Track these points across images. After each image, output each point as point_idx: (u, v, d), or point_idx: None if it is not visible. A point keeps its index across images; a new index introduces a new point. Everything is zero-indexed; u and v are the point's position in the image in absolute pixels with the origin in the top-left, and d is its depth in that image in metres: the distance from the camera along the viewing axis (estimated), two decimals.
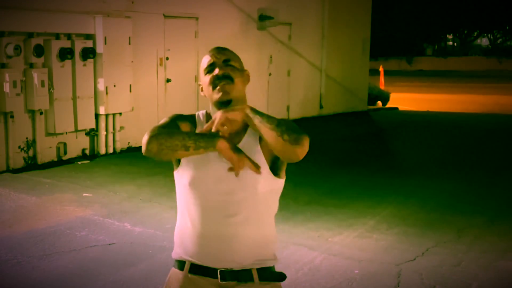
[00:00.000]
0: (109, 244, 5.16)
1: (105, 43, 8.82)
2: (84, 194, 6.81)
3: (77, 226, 5.62)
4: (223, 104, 2.08)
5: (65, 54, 8.30)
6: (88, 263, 4.73)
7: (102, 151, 9.15)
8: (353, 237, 5.44)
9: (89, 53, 8.62)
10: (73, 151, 8.85)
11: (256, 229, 2.08)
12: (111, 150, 9.28)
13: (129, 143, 9.69)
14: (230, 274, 2.06)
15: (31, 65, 8.07)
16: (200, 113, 2.24)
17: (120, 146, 9.43)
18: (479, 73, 37.68)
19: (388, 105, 17.69)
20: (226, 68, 2.09)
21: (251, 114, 1.97)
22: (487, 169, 8.70)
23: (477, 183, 7.77)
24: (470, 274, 4.59)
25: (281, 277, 2.15)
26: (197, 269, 2.10)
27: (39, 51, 8.02)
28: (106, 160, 8.83)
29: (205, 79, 2.15)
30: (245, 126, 2.09)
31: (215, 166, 2.04)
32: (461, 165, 9.04)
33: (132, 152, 9.52)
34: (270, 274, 2.13)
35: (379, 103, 17.71)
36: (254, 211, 2.07)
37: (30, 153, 8.25)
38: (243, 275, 2.07)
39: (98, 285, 4.31)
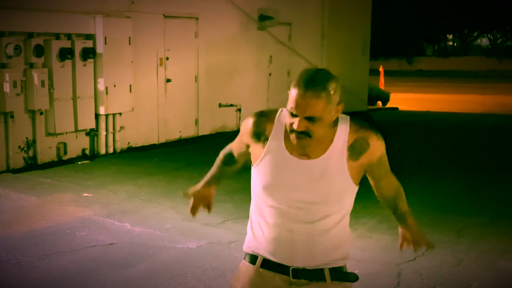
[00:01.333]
0: (109, 244, 5.16)
1: (105, 43, 8.83)
2: (84, 194, 6.81)
3: (77, 226, 5.62)
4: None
5: (65, 54, 8.30)
6: (88, 263, 4.73)
7: (102, 151, 9.15)
8: (353, 237, 5.43)
9: (89, 53, 8.62)
10: (73, 151, 8.85)
11: (333, 233, 2.10)
12: (111, 150, 9.28)
13: (129, 143, 9.69)
14: (302, 273, 2.08)
15: (31, 65, 8.07)
16: (284, 116, 2.07)
17: (120, 146, 9.43)
18: (479, 73, 37.66)
19: (388, 105, 17.68)
20: (307, 124, 1.93)
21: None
22: (487, 169, 8.69)
23: (477, 183, 7.76)
24: (470, 274, 4.59)
25: (354, 278, 2.16)
26: (269, 265, 2.10)
27: (39, 51, 8.02)
28: (106, 160, 8.83)
29: (288, 114, 1.99)
30: (332, 134, 2.04)
31: (295, 173, 2.02)
32: (461, 165, 9.04)
33: (132, 152, 9.52)
34: (343, 274, 2.14)
35: (379, 103, 17.69)
36: (333, 218, 2.09)
37: (30, 153, 8.25)
38: (315, 274, 2.09)
39: (98, 285, 4.30)
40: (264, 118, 2.09)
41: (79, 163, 8.59)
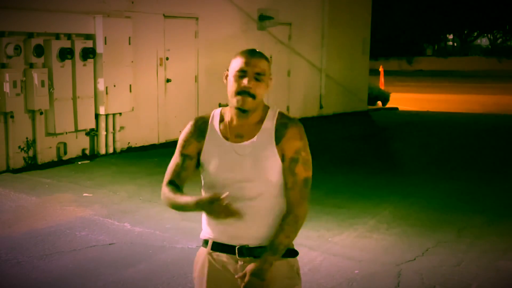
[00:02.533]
0: (109, 244, 5.16)
1: (105, 43, 8.82)
2: (84, 194, 6.81)
3: (77, 226, 5.62)
4: (240, 110, 2.23)
5: (65, 54, 8.30)
6: (88, 263, 4.73)
7: (102, 151, 9.15)
8: (353, 237, 5.44)
9: (89, 53, 8.61)
10: (73, 151, 8.85)
11: (271, 210, 2.24)
12: (111, 150, 9.28)
13: (129, 143, 9.69)
14: (246, 251, 2.23)
15: (31, 65, 8.07)
16: (216, 113, 2.34)
17: (120, 146, 9.43)
18: (479, 73, 37.68)
19: (388, 105, 17.69)
20: (254, 82, 2.20)
21: (273, 261, 2.18)
22: (487, 169, 8.69)
23: (477, 183, 7.76)
24: (470, 274, 4.59)
25: (292, 253, 2.29)
26: (217, 247, 2.28)
27: (39, 51, 8.02)
28: (106, 160, 8.83)
29: (232, 79, 2.23)
30: (261, 119, 2.26)
31: (231, 157, 2.23)
32: (461, 165, 9.04)
33: (132, 152, 9.52)
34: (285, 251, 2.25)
35: (379, 103, 17.70)
36: (269, 195, 2.23)
37: (30, 153, 8.25)
38: (258, 251, 2.22)
39: (98, 285, 4.31)
40: (201, 119, 2.34)
41: (79, 163, 8.59)
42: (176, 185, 2.32)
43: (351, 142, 11.11)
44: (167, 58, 10.31)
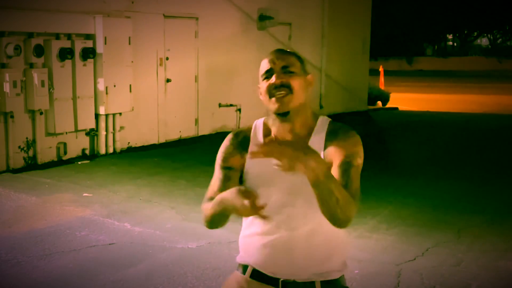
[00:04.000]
0: (109, 244, 5.16)
1: (105, 43, 8.83)
2: (84, 194, 6.81)
3: (77, 226, 5.62)
4: (280, 115, 1.98)
5: (65, 54, 8.30)
6: (88, 263, 4.73)
7: (102, 151, 9.15)
8: (353, 237, 5.44)
9: (89, 53, 8.62)
10: (73, 151, 8.85)
11: (322, 240, 2.00)
12: (111, 150, 9.28)
13: (129, 143, 9.69)
14: (292, 285, 2.01)
15: (31, 65, 8.07)
16: (258, 124, 2.10)
17: (120, 146, 9.43)
18: (479, 73, 37.66)
19: (388, 105, 17.68)
20: (284, 75, 1.96)
21: (322, 179, 1.72)
22: (487, 169, 8.69)
23: (477, 183, 7.76)
24: (470, 274, 4.59)
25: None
26: (258, 276, 2.06)
27: (39, 51, 8.02)
28: (106, 160, 8.83)
29: (263, 85, 2.01)
30: (311, 131, 2.01)
31: (281, 179, 1.94)
32: (461, 165, 9.04)
33: (132, 152, 9.52)
34: (335, 287, 2.07)
35: (379, 103, 17.70)
36: (320, 223, 1.95)
37: (30, 153, 8.25)
38: (305, 287, 2.01)
39: (98, 285, 4.30)
40: (241, 132, 2.10)
41: (79, 163, 8.59)
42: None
43: None
44: (167, 58, 10.31)
